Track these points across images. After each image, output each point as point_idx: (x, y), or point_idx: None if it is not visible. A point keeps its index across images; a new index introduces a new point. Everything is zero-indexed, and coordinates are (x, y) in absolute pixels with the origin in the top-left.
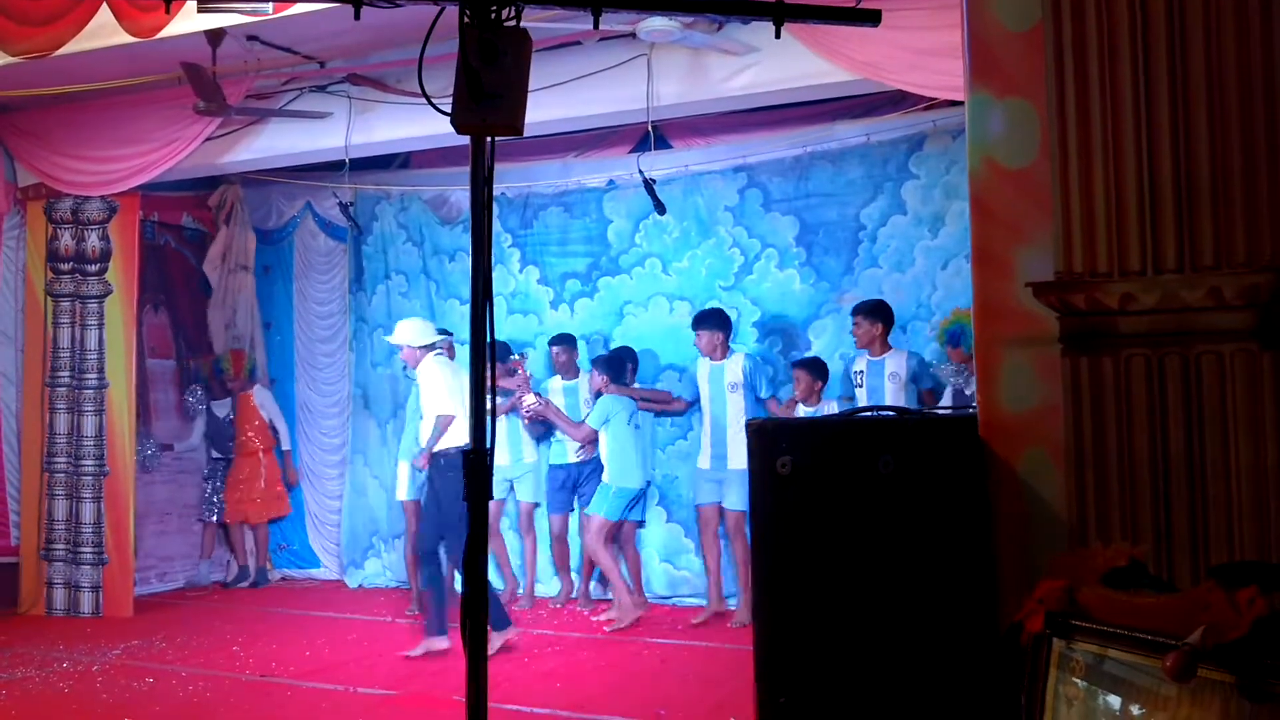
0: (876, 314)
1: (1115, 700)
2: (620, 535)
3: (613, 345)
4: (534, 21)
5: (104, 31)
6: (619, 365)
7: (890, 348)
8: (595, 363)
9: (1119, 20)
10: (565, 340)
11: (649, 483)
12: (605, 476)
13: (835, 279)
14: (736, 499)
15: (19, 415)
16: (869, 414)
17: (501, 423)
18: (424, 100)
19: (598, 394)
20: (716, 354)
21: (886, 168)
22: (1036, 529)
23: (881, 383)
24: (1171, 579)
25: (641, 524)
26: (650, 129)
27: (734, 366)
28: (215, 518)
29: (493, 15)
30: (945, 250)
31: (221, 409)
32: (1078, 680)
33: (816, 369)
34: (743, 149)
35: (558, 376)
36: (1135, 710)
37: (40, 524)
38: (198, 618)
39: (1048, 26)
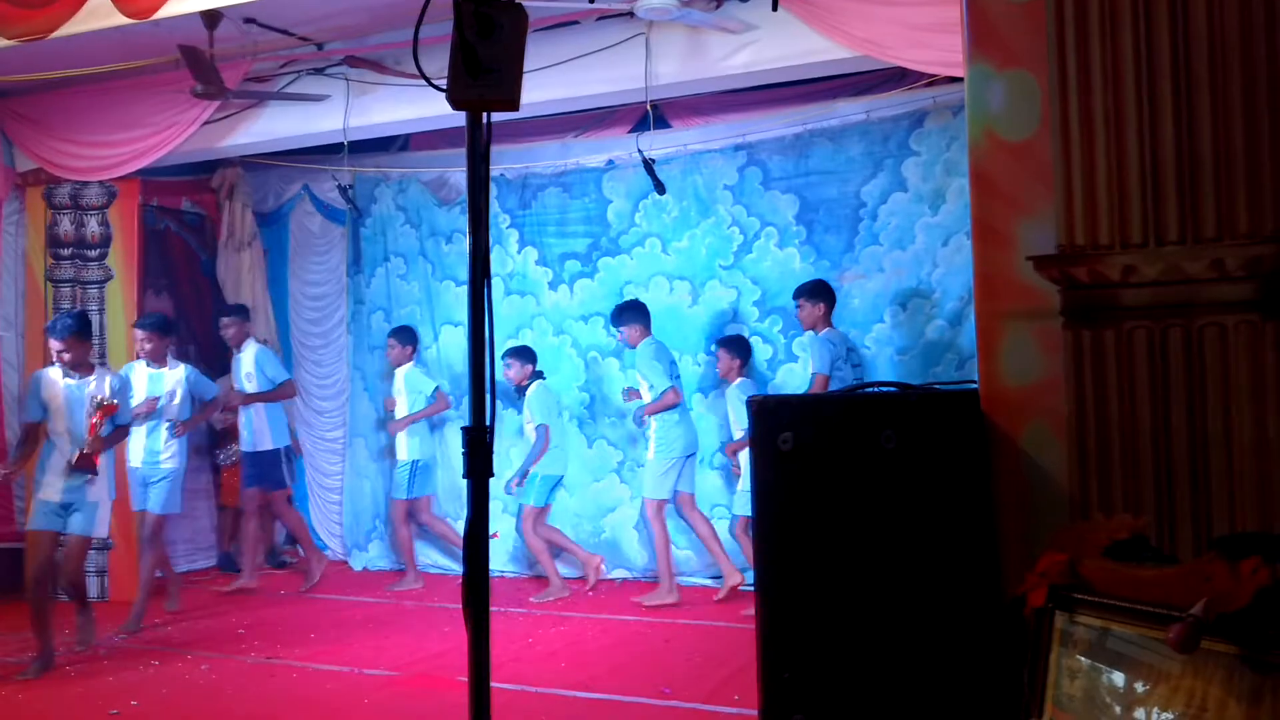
0: (818, 294)
1: (1118, 672)
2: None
3: (613, 326)
4: (530, 1)
5: (100, 13)
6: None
7: (831, 325)
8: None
9: None
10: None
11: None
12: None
13: (836, 257)
14: None
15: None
16: (871, 389)
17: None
18: (422, 81)
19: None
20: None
21: (887, 145)
22: (1039, 502)
23: None
24: (1174, 551)
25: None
26: (649, 108)
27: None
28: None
29: None
30: (946, 227)
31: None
32: (1080, 653)
33: (738, 347)
34: (742, 127)
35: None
36: (1138, 682)
37: None
38: (203, 601)
39: (1048, 1)
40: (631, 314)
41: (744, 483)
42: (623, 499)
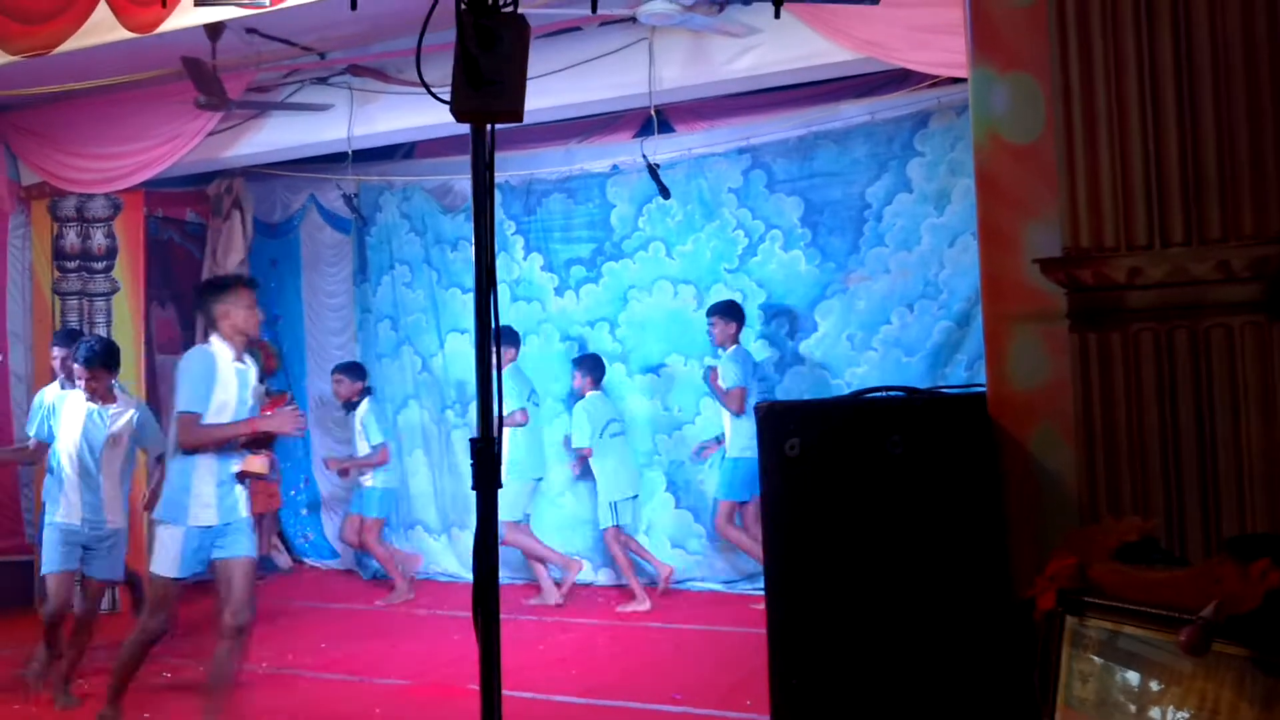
0: (730, 314)
1: (1129, 675)
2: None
3: (619, 331)
4: (533, 8)
5: (102, 28)
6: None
7: (738, 344)
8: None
9: None
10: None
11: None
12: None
13: (841, 259)
14: None
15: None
16: (877, 394)
17: None
18: (425, 90)
19: None
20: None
21: (891, 146)
22: (1047, 505)
23: None
24: (1183, 553)
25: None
26: (653, 113)
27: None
28: None
29: (490, 1)
30: (951, 228)
31: None
32: (1091, 656)
33: (591, 365)
34: (746, 130)
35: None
36: (1150, 685)
37: None
38: (214, 610)
39: (1051, 0)
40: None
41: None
42: None
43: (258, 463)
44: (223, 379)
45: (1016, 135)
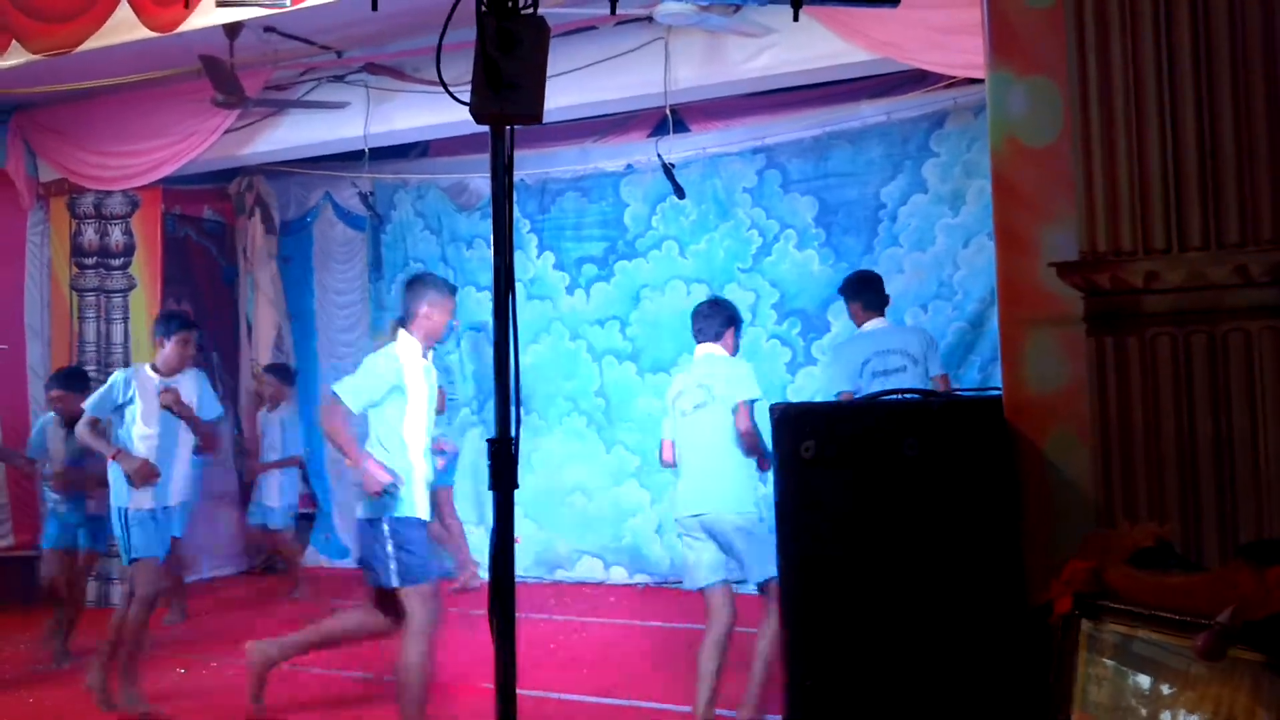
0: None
1: (1144, 680)
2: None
3: (629, 330)
4: (551, 7)
5: (123, 27)
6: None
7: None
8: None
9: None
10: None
11: None
12: None
13: (855, 259)
14: None
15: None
16: (893, 397)
17: None
18: (442, 88)
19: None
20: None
21: (907, 146)
22: (1063, 510)
23: None
24: (1200, 558)
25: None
26: (668, 113)
27: None
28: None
29: (510, 4)
30: (967, 229)
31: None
32: (1106, 660)
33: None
34: (761, 130)
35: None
36: (1165, 690)
37: None
38: (226, 608)
39: (1068, 3)
40: None
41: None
42: (643, 504)
43: None
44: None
45: (1033, 138)
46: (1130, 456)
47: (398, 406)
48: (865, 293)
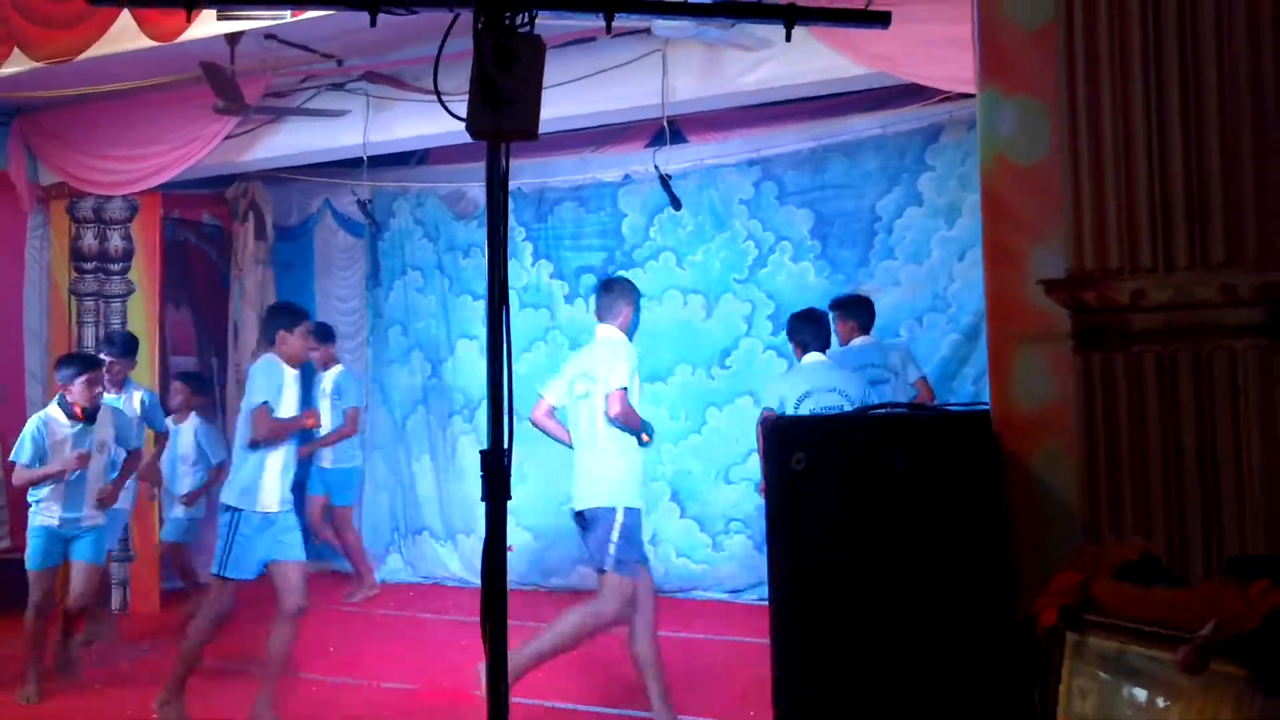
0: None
1: (1129, 692)
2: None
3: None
4: (549, 20)
5: (125, 35)
6: None
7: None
8: None
9: (1130, 19)
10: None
11: None
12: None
13: (851, 270)
14: None
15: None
16: (882, 410)
17: None
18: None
19: None
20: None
21: (902, 159)
22: (1051, 524)
23: None
24: (1185, 573)
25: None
26: (665, 124)
27: None
28: None
29: (507, 21)
30: (962, 241)
31: None
32: (1092, 673)
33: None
34: (758, 142)
35: None
36: (1150, 702)
37: None
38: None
39: (1060, 25)
40: None
41: None
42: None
43: None
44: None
45: (1022, 157)
46: (1117, 472)
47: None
48: (861, 314)
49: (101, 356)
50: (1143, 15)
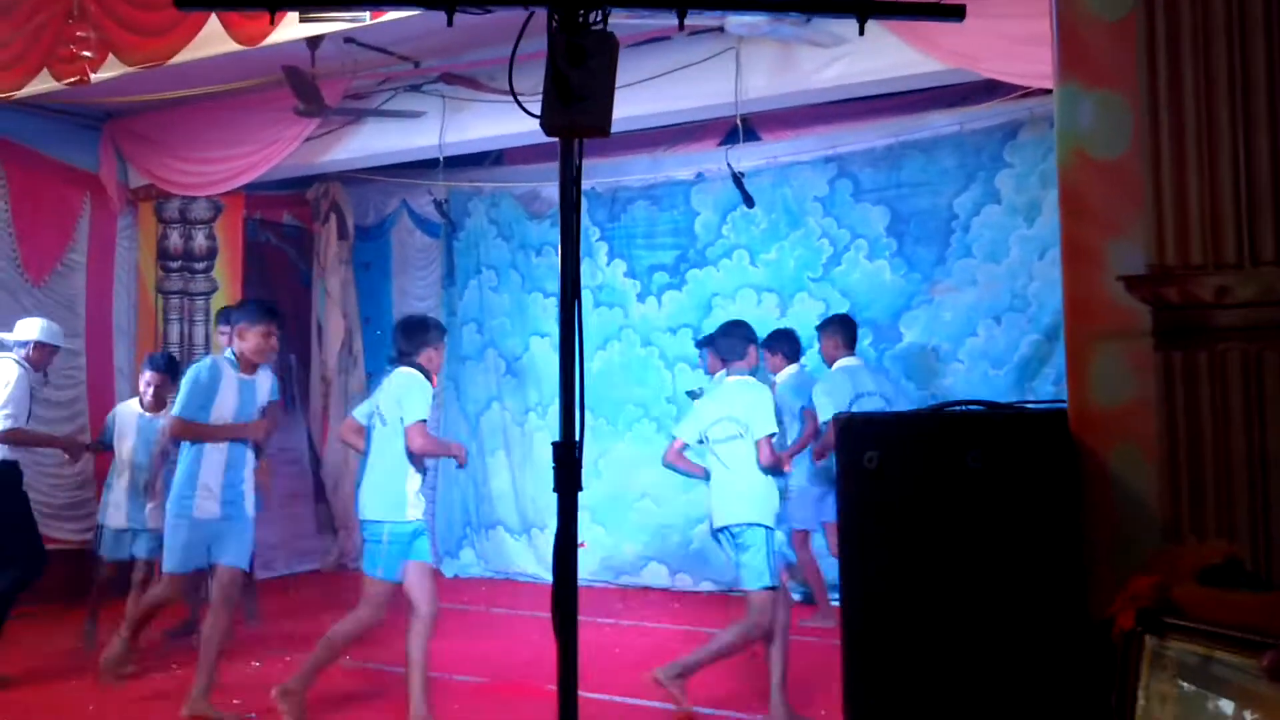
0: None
1: (1211, 699)
2: None
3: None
4: (622, 19)
5: (213, 40)
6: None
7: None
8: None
9: (1214, 8)
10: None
11: None
12: None
13: (927, 269)
14: None
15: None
16: (957, 408)
17: None
18: (515, 102)
19: None
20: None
21: (980, 156)
22: (1128, 526)
23: None
24: (1270, 577)
25: None
26: (738, 122)
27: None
28: None
29: (580, 19)
30: (1041, 240)
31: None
32: (1171, 678)
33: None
34: (832, 139)
35: None
36: (1230, 709)
37: None
38: (297, 603)
39: (1140, 15)
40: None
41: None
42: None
43: None
44: None
45: (1102, 151)
46: (1199, 473)
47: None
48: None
49: (146, 374)
50: (1227, 4)
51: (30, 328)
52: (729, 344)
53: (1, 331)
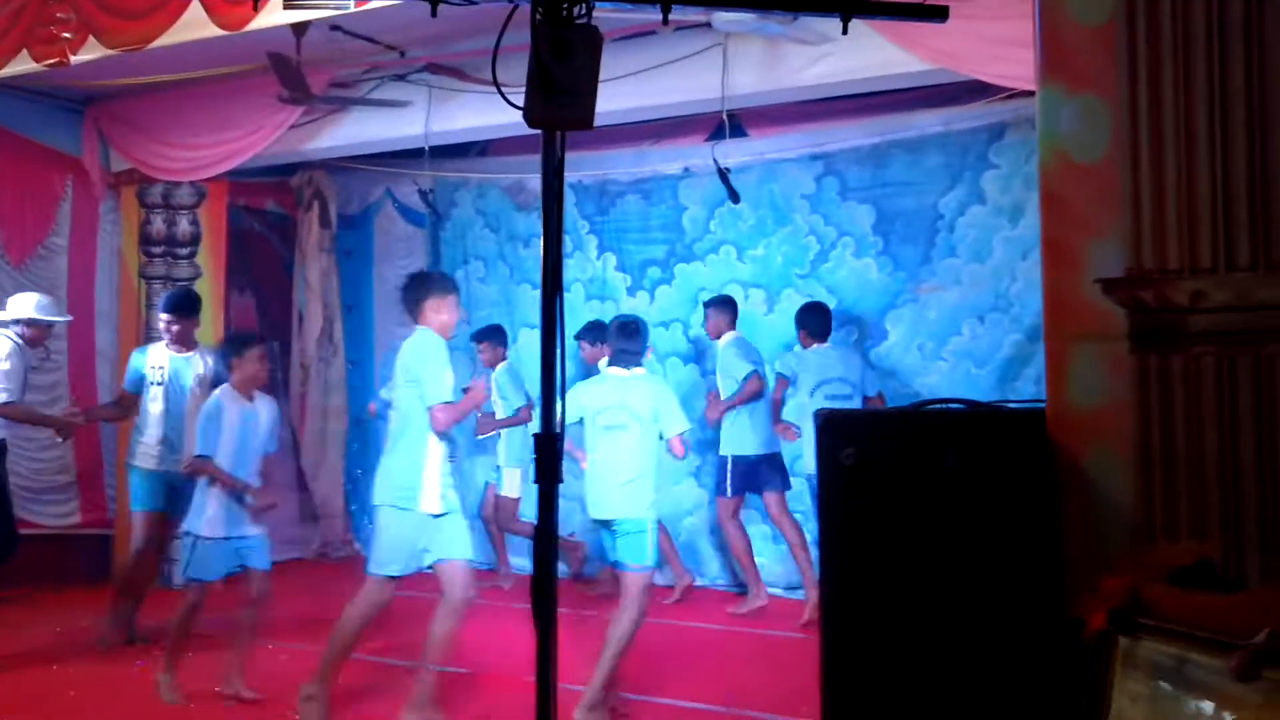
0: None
1: (1180, 698)
2: None
3: (691, 332)
4: (607, 12)
5: (195, 24)
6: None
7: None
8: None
9: (1194, 15)
10: None
11: None
12: None
13: (913, 268)
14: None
15: (114, 392)
16: (936, 406)
17: None
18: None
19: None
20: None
21: (965, 157)
22: (1103, 526)
23: None
24: (1240, 579)
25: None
26: (725, 117)
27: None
28: None
29: (564, 12)
30: (1025, 241)
31: None
32: (1144, 678)
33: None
34: (819, 137)
35: None
36: (1200, 709)
37: None
38: (286, 592)
39: (1120, 21)
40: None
41: None
42: (701, 502)
43: None
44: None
45: (1082, 154)
46: (1172, 474)
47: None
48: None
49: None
50: (1207, 11)
51: (25, 303)
52: (631, 350)
53: None
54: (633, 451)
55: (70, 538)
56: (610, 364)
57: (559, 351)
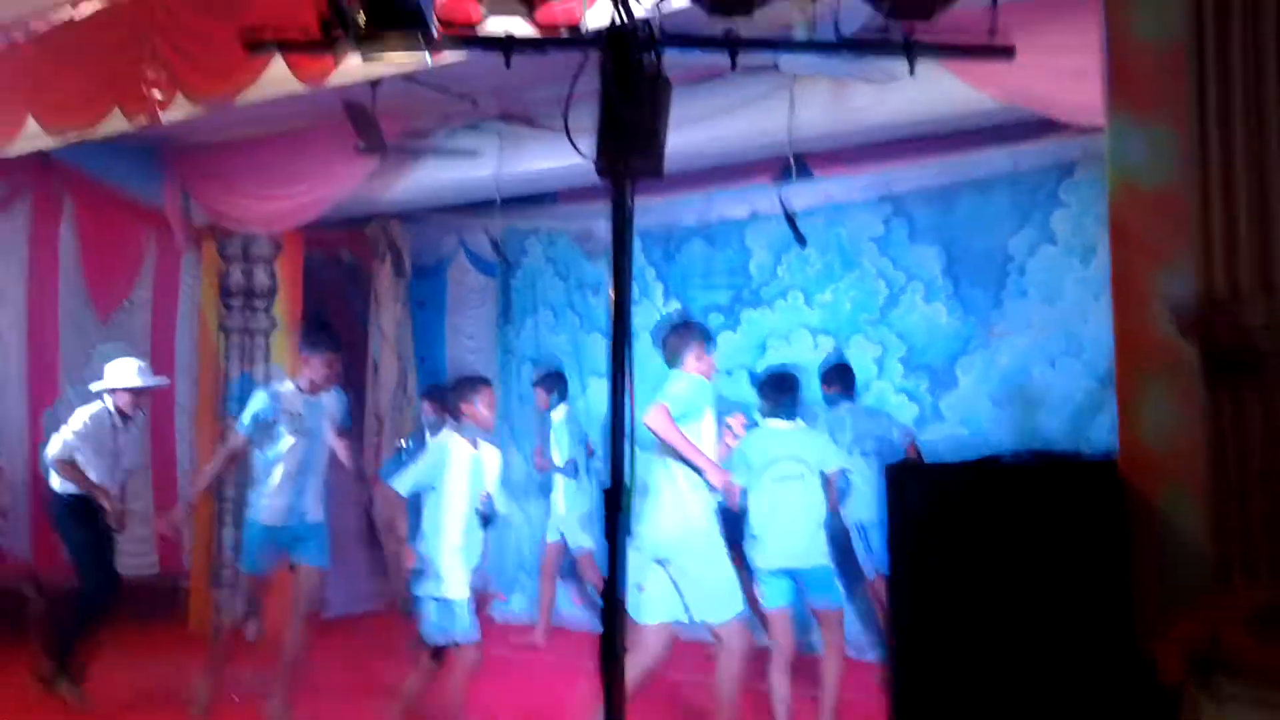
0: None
1: None
2: None
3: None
4: (676, 58)
5: (278, 80)
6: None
7: None
8: None
9: (1265, 39)
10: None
11: None
12: None
13: (983, 313)
14: None
15: (193, 444)
16: (1008, 457)
17: None
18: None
19: None
20: None
21: (1035, 195)
22: (1177, 566)
23: None
24: None
25: None
26: (791, 160)
27: None
28: None
29: (634, 60)
30: (1097, 281)
31: None
32: None
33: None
34: (887, 177)
35: None
36: None
37: (210, 549)
38: (356, 644)
39: (1190, 47)
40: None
41: None
42: None
43: None
44: None
45: (1151, 180)
46: (1248, 512)
47: None
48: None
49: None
50: (1278, 24)
51: (125, 371)
52: (788, 403)
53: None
54: (809, 500)
55: (147, 585)
56: (768, 416)
57: (628, 402)
